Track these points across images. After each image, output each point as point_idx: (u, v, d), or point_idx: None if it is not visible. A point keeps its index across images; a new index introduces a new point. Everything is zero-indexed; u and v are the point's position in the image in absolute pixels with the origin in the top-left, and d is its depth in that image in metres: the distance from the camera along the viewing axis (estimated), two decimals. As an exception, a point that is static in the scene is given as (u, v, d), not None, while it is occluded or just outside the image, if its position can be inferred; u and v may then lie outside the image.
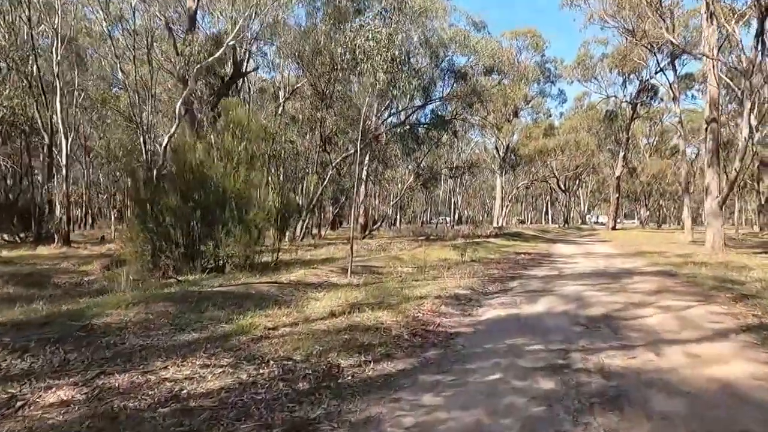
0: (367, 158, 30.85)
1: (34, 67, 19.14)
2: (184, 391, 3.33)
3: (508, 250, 17.18)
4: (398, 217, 48.01)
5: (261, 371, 3.72)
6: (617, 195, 42.52)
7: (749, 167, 28.12)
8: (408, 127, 27.09)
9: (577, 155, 44.25)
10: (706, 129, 14.57)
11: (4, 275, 10.16)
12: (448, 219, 63.42)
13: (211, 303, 5.96)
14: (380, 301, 6.53)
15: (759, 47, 12.52)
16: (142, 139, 15.82)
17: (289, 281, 8.12)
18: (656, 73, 28.73)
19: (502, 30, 43.51)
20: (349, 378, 3.67)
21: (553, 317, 5.88)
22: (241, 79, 26.83)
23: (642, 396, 3.25)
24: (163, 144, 12.00)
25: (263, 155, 27.12)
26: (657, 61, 25.92)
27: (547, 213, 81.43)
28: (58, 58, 17.63)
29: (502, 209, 49.26)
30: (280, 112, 27.04)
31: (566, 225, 54.58)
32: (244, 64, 22.33)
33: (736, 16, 18.92)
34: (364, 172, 31.91)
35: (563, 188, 55.59)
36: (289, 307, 6.11)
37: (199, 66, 12.05)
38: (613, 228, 42.30)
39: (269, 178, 26.28)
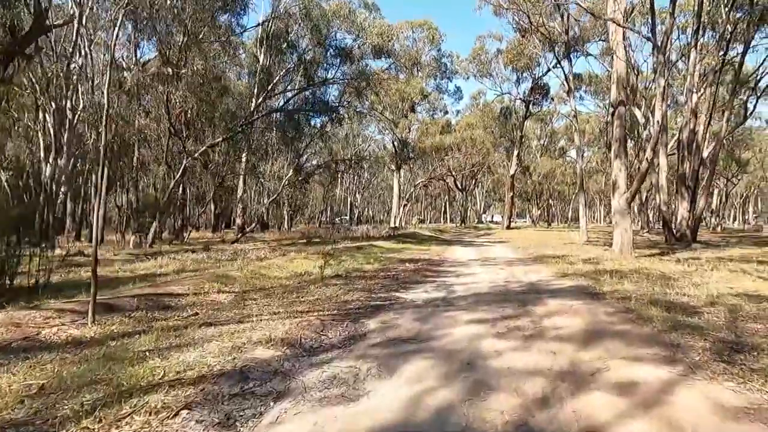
0: (245, 150, 26.49)
1: None
2: None
3: (393, 256, 14.13)
4: (289, 217, 43.75)
5: None
6: (511, 194, 42.15)
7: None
8: (287, 112, 23.26)
9: (473, 153, 43.31)
10: (613, 113, 12.68)
11: None
12: (347, 219, 60.71)
13: None
14: (35, 412, 2.83)
15: (674, 13, 10.78)
16: None
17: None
18: (554, 66, 27.65)
19: (398, 20, 41.31)
20: None
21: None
22: (75, 52, 21.23)
23: None
24: None
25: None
26: (554, 52, 24.70)
27: (445, 212, 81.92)
28: None
29: (399, 208, 47.11)
30: (127, 88, 21.81)
31: (463, 224, 54.01)
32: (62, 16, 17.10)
33: None
34: (242, 166, 27.49)
35: (460, 187, 54.97)
36: None
37: None
38: (508, 227, 41.86)
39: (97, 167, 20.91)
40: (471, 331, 4.94)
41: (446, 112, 49.83)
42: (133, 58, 23.68)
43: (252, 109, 23.05)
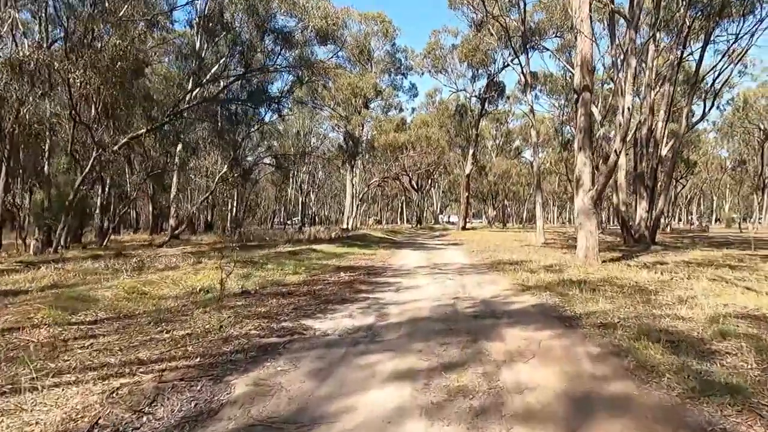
0: (180, 144, 23.81)
1: None
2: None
3: (329, 263, 12.19)
4: (234, 218, 40.89)
5: None
6: (467, 194, 41.05)
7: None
8: (221, 102, 20.85)
9: (428, 151, 41.93)
10: (577, 101, 11.28)
11: None
12: (305, 220, 58.65)
13: None
14: None
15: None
16: None
17: None
18: (512, 60, 26.43)
19: (351, 8, 39.32)
20: None
21: None
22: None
23: None
24: None
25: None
26: (511, 45, 23.50)
27: (402, 213, 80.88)
28: None
29: (353, 209, 45.17)
30: (30, 68, 18.81)
31: (419, 225, 52.71)
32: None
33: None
34: (176, 161, 24.76)
35: (416, 187, 53.64)
36: None
37: None
38: (464, 228, 40.74)
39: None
40: (389, 401, 3.09)
41: (401, 110, 48.32)
42: (40, 35, 20.65)
43: (181, 97, 20.52)
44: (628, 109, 9.38)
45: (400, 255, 15.89)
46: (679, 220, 72.43)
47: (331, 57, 23.79)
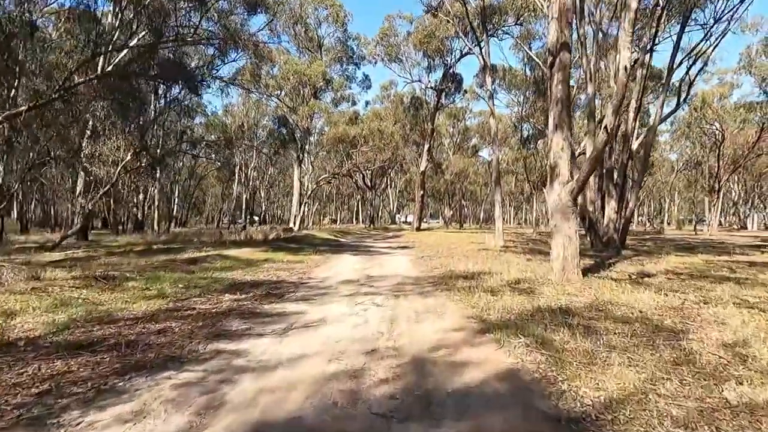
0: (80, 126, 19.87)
1: None
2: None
3: (227, 276, 9.08)
4: (164, 216, 36.81)
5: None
6: (422, 192, 38.61)
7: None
8: (123, 76, 17.24)
9: (382, 146, 39.14)
10: (552, 64, 8.62)
11: None
12: (255, 218, 55.13)
13: None
14: None
15: None
16: None
17: None
18: (474, 45, 23.91)
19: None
20: None
21: None
22: None
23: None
24: None
25: None
26: (470, 25, 21.06)
27: (358, 213, 78.13)
28: None
29: (301, 207, 41.80)
30: None
31: (372, 225, 49.92)
32: None
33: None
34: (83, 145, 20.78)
35: (369, 185, 50.80)
36: None
37: None
38: (419, 228, 38.29)
39: None
40: None
41: (354, 103, 45.37)
42: None
43: (74, 68, 16.78)
44: (626, 68, 6.78)
45: (332, 262, 12.93)
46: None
47: (264, 27, 20.48)
